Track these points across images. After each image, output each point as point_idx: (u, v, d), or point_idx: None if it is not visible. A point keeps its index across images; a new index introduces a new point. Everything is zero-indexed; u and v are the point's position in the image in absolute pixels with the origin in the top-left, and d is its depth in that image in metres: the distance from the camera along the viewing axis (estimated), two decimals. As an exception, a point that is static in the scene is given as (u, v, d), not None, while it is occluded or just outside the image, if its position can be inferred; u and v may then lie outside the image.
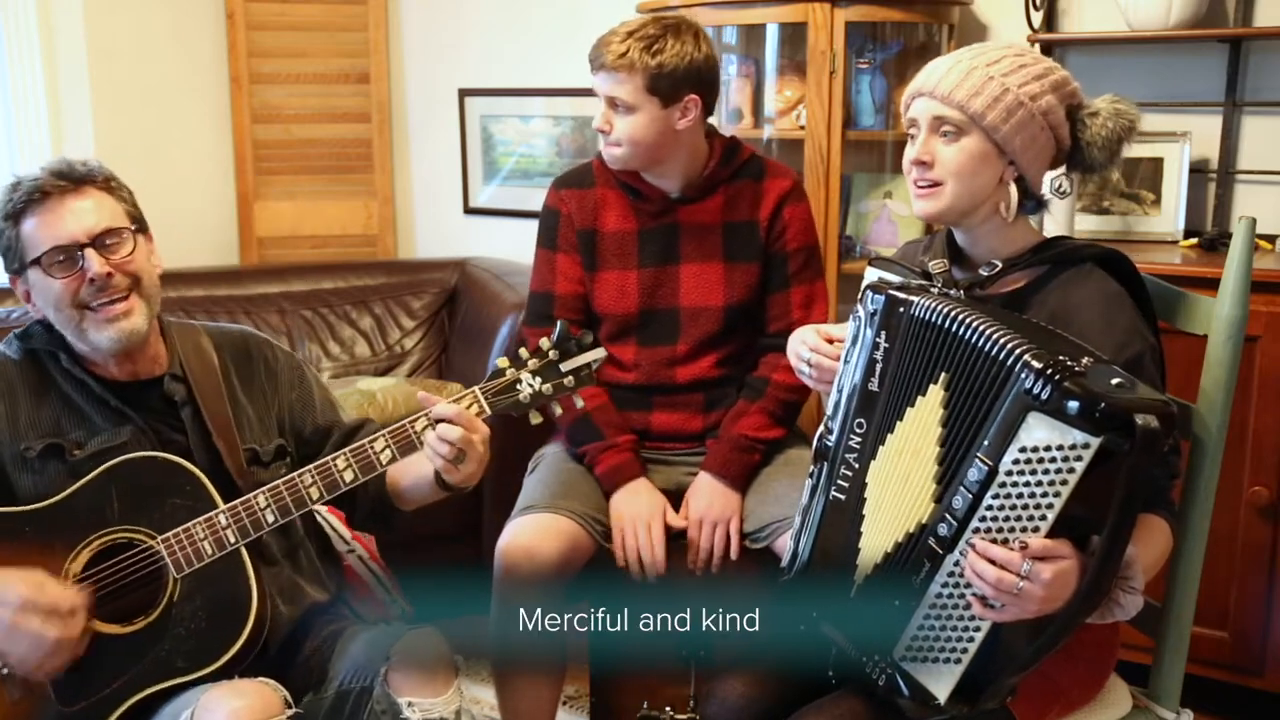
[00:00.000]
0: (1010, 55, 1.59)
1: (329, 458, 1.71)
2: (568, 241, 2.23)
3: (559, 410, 1.77)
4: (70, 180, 1.70)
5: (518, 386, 1.73)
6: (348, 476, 1.70)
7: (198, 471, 1.69)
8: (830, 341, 1.72)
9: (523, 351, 1.74)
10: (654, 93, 2.06)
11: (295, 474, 1.70)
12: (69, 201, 1.68)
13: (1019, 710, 1.55)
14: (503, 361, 1.74)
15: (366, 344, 3.47)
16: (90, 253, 1.67)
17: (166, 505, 1.68)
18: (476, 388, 1.72)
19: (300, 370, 1.94)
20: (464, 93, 3.79)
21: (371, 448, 1.70)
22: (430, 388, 3.16)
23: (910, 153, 1.62)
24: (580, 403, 1.79)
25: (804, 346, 1.74)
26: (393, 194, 3.98)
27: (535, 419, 1.75)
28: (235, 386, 1.85)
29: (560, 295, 2.23)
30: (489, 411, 1.72)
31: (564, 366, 1.74)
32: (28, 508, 1.68)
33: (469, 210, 3.90)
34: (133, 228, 1.73)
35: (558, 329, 1.76)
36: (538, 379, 1.73)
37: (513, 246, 3.62)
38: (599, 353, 1.77)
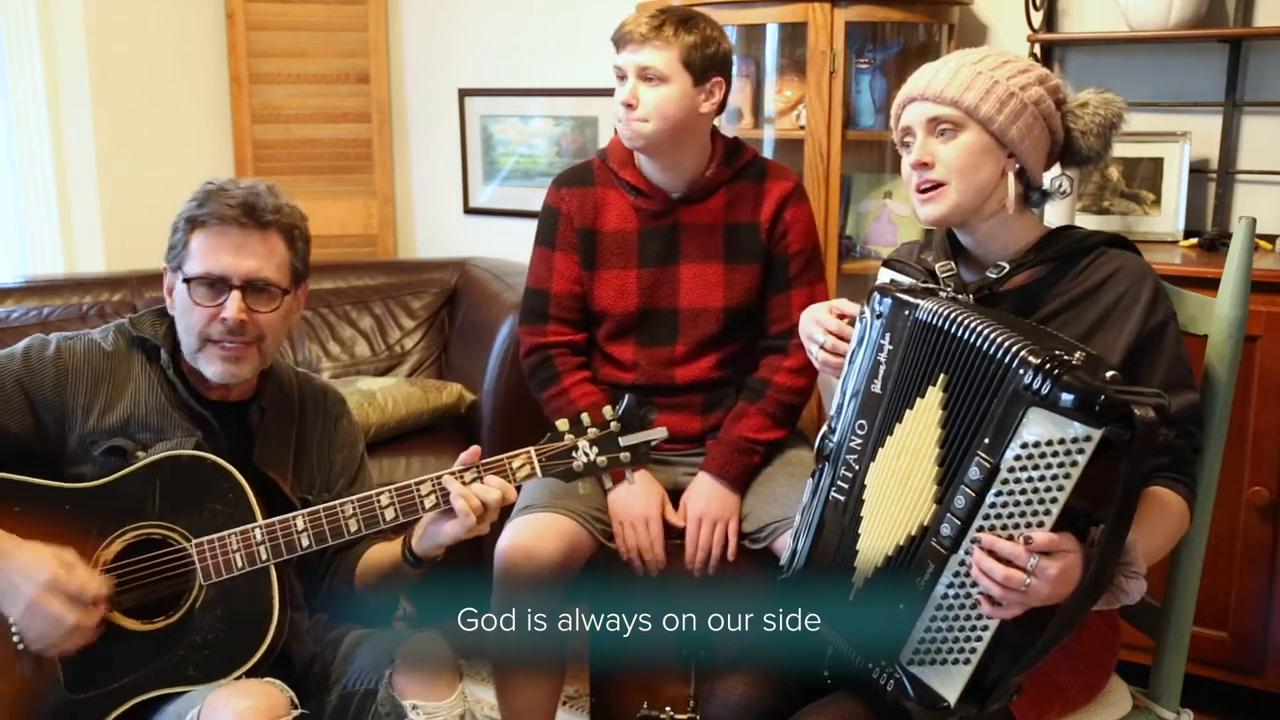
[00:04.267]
0: (994, 54, 1.62)
1: (373, 492, 1.68)
2: (566, 240, 2.22)
3: (609, 483, 1.73)
4: (254, 220, 1.70)
5: (573, 454, 1.69)
6: (389, 514, 1.67)
7: (242, 480, 1.68)
8: (843, 317, 1.71)
9: (584, 418, 1.70)
10: (688, 68, 2.08)
11: (336, 502, 1.68)
12: (246, 238, 1.70)
13: (1019, 710, 1.55)
14: (562, 424, 1.70)
15: (366, 344, 3.47)
16: (235, 295, 1.69)
17: (206, 509, 1.67)
18: (533, 449, 1.69)
19: (355, 440, 1.95)
20: (464, 93, 3.79)
21: (417, 490, 1.67)
22: (430, 388, 3.16)
23: (909, 158, 1.62)
24: (633, 478, 1.74)
25: (818, 328, 1.72)
26: (393, 194, 3.98)
27: (584, 488, 1.71)
28: (306, 430, 1.86)
29: (556, 294, 2.23)
30: (540, 475, 1.69)
31: (624, 441, 1.70)
32: (71, 485, 1.68)
33: (469, 210, 3.90)
34: (285, 287, 1.74)
35: (625, 401, 1.72)
36: (594, 449, 1.69)
37: (513, 247, 3.62)
38: (661, 432, 1.72)
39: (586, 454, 1.69)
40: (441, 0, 3.79)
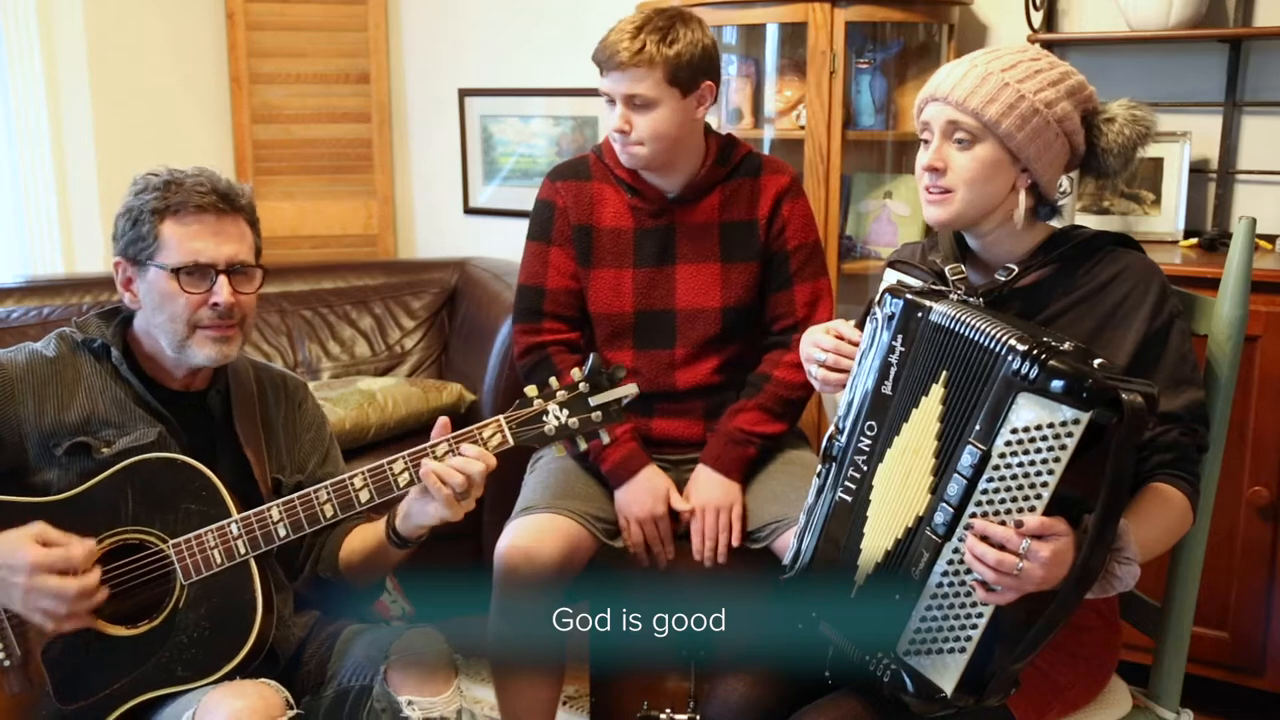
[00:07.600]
0: (1026, 60, 1.57)
1: (346, 476, 1.68)
2: (562, 235, 2.20)
3: (583, 445, 1.70)
4: (230, 205, 1.73)
5: (544, 418, 1.67)
6: (364, 496, 1.67)
7: (214, 477, 1.69)
8: (840, 339, 1.71)
9: (553, 381, 1.68)
10: (674, 84, 2.04)
11: (311, 490, 1.68)
12: (221, 223, 1.72)
13: (1019, 710, 1.55)
14: (531, 390, 1.68)
15: (366, 344, 3.47)
16: (223, 280, 1.71)
17: (181, 509, 1.68)
18: (502, 417, 1.67)
19: (322, 421, 1.96)
20: (464, 93, 3.80)
21: (390, 469, 1.67)
22: (430, 388, 3.16)
23: (923, 158, 1.61)
24: (606, 439, 1.72)
25: (818, 349, 1.71)
26: (393, 194, 3.98)
27: (559, 452, 1.70)
28: (269, 412, 1.86)
29: (551, 290, 2.20)
30: (512, 442, 1.67)
31: (594, 401, 1.67)
32: (42, 499, 1.68)
33: (469, 210, 3.90)
34: (262, 267, 1.78)
35: (590, 361, 1.69)
36: (565, 411, 1.67)
37: (513, 246, 3.59)
38: (630, 389, 1.69)
39: (557, 417, 1.67)
40: (441, 0, 3.79)
